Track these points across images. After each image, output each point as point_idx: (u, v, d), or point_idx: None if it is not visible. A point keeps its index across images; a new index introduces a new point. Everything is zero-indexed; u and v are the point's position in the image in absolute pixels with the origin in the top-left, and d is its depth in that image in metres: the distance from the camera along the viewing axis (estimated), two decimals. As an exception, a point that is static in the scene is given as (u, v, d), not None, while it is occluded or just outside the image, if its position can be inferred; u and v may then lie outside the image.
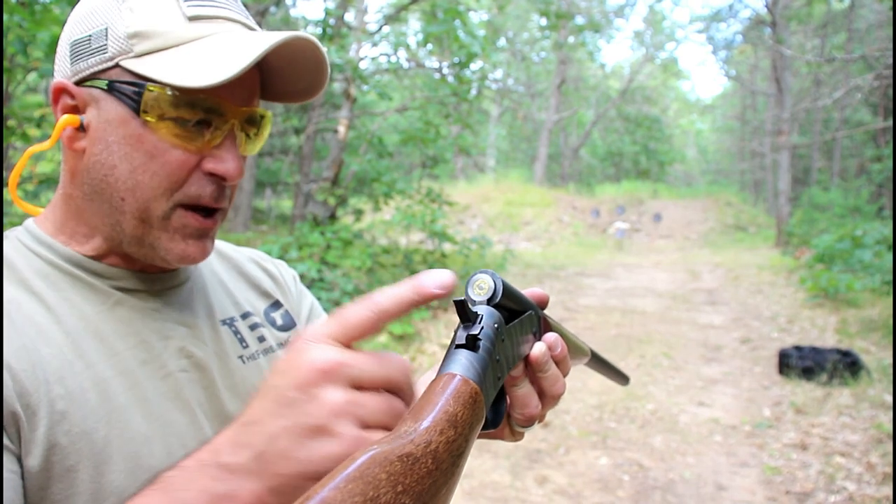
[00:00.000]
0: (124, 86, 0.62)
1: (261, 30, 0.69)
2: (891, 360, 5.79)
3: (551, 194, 21.78)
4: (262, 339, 0.78)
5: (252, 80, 0.67)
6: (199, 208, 0.67)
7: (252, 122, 0.69)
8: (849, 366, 5.43)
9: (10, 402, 0.54)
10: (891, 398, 4.89)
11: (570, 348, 0.68)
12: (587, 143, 30.25)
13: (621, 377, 0.91)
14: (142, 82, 0.62)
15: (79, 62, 0.64)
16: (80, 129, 0.65)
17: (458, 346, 0.47)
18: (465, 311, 0.48)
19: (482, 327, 0.48)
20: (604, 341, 7.05)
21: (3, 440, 0.53)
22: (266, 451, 0.47)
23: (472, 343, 0.47)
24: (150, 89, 0.61)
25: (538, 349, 0.59)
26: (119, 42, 0.62)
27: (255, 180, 13.54)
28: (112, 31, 0.62)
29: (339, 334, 0.49)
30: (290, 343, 0.85)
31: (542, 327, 0.63)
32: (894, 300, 7.44)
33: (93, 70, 0.63)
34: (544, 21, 16.82)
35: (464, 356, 0.46)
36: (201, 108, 0.63)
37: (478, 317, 0.49)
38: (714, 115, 38.88)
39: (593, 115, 29.77)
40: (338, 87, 10.20)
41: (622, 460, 3.99)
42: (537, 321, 0.62)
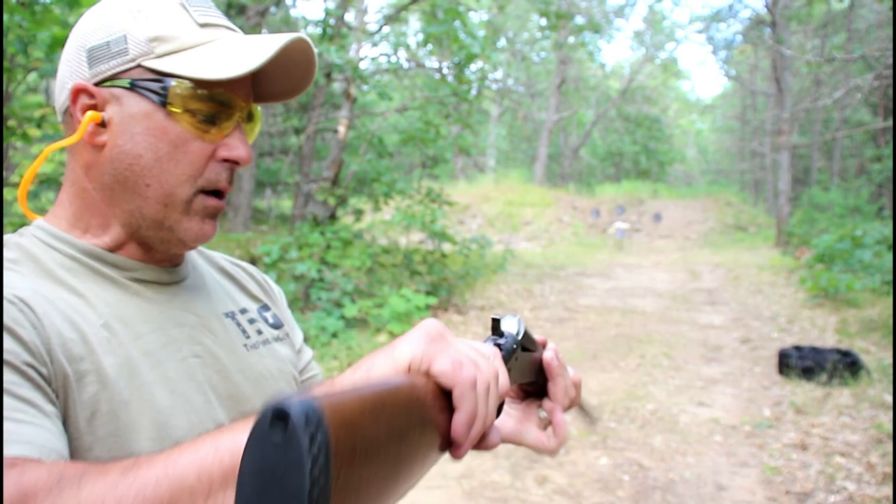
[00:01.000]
0: (148, 82, 0.70)
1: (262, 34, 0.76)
2: (891, 360, 5.79)
3: (551, 194, 21.78)
4: (259, 332, 0.86)
5: (249, 79, 0.76)
6: (214, 192, 0.75)
7: (250, 116, 0.78)
8: (849, 366, 5.43)
9: (60, 362, 0.60)
10: (891, 398, 4.89)
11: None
12: (587, 143, 30.24)
13: (592, 420, 0.96)
14: (165, 78, 0.70)
15: (98, 65, 0.71)
16: (101, 125, 0.71)
17: None
18: (496, 327, 0.68)
19: (505, 341, 0.66)
20: (604, 341, 7.05)
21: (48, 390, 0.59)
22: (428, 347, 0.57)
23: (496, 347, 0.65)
24: (177, 84, 0.70)
25: (549, 351, 0.76)
26: (140, 45, 0.70)
27: (255, 180, 13.53)
28: (131, 36, 0.70)
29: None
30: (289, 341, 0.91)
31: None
32: (894, 300, 7.44)
33: (114, 71, 0.70)
34: (544, 21, 16.78)
35: None
36: (216, 101, 0.72)
37: (504, 334, 0.67)
38: (714, 115, 38.85)
39: (593, 115, 29.76)
40: (338, 87, 10.20)
41: (622, 460, 3.99)
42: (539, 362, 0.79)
